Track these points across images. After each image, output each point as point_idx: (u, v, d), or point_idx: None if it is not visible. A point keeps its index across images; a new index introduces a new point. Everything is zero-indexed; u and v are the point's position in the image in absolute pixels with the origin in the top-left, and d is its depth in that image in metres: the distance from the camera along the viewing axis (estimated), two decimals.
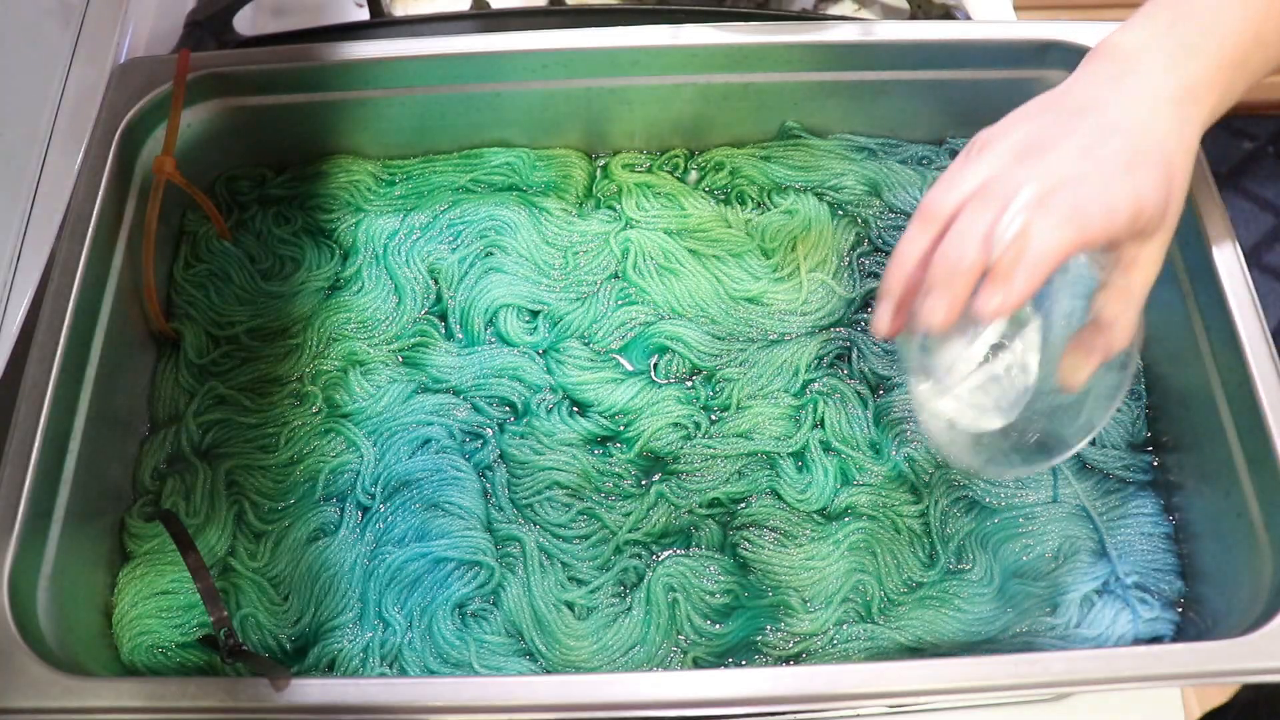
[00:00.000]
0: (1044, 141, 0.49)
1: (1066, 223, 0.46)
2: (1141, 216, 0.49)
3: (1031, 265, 0.46)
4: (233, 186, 0.81)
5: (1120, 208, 0.48)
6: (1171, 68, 0.52)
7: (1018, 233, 0.46)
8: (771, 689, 0.53)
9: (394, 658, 0.64)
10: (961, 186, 0.49)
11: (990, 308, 0.46)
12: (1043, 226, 0.46)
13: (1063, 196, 0.47)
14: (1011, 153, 0.50)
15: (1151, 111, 0.51)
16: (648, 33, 0.74)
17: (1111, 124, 0.50)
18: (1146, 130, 0.50)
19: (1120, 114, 0.50)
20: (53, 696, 0.54)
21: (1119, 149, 0.49)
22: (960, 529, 0.67)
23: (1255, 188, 1.93)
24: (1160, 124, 0.50)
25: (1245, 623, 0.57)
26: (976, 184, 0.49)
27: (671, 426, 0.70)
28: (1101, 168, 0.48)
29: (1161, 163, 0.50)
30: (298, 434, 0.71)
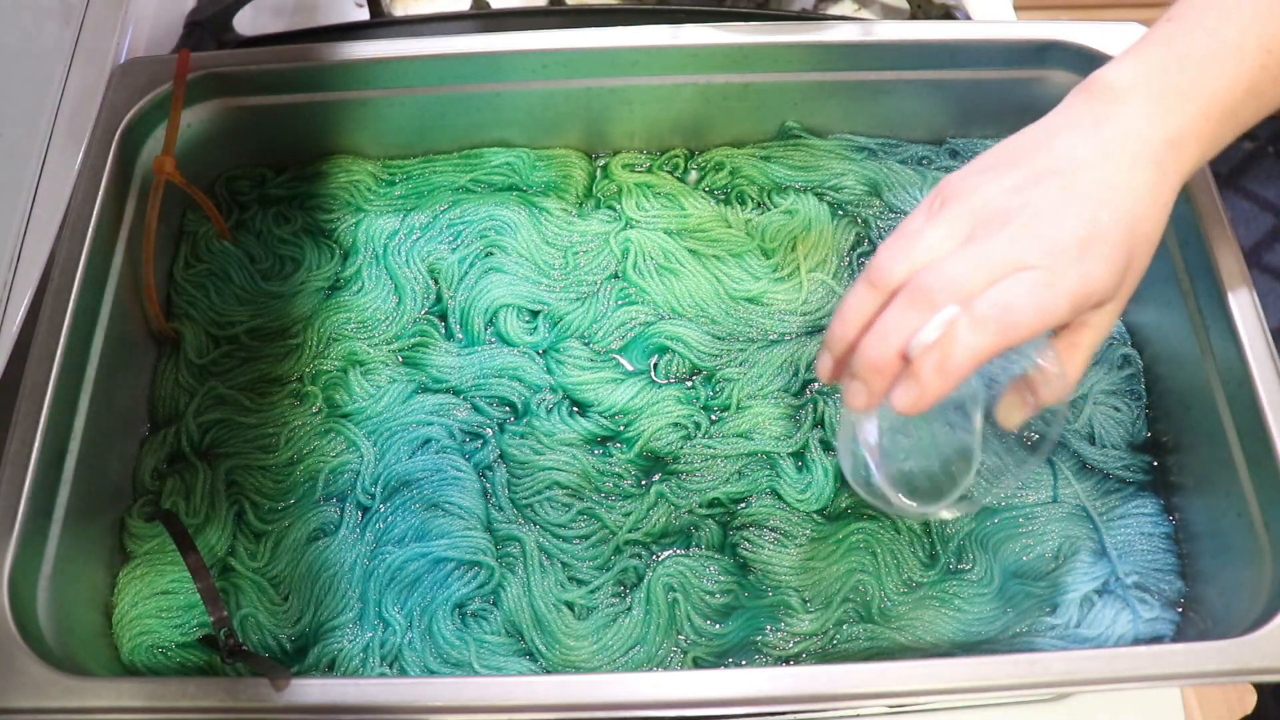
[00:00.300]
0: (1001, 213, 0.47)
1: (992, 330, 0.45)
2: (1088, 300, 0.47)
3: (948, 371, 0.45)
4: (233, 186, 0.81)
5: (1059, 305, 0.46)
6: (1157, 116, 0.49)
7: (937, 340, 0.45)
8: (771, 689, 0.53)
9: (394, 658, 0.64)
10: (911, 256, 0.48)
11: (901, 405, 0.46)
12: (965, 335, 0.45)
13: (996, 297, 0.45)
14: (968, 222, 0.48)
15: (1129, 168, 0.48)
16: (648, 33, 0.74)
17: (1080, 191, 0.48)
18: (1116, 193, 0.48)
19: (1093, 176, 0.48)
20: (53, 696, 0.54)
21: (1077, 228, 0.46)
22: (960, 529, 0.67)
23: (1255, 188, 1.93)
24: (1136, 180, 0.48)
25: (1245, 623, 0.57)
26: (924, 258, 0.47)
27: (671, 426, 0.70)
28: (1051, 257, 0.46)
29: (1122, 238, 0.47)
30: (298, 434, 0.71)
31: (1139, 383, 0.72)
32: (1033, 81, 0.78)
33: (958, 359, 0.45)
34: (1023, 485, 0.68)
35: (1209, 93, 0.50)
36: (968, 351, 0.45)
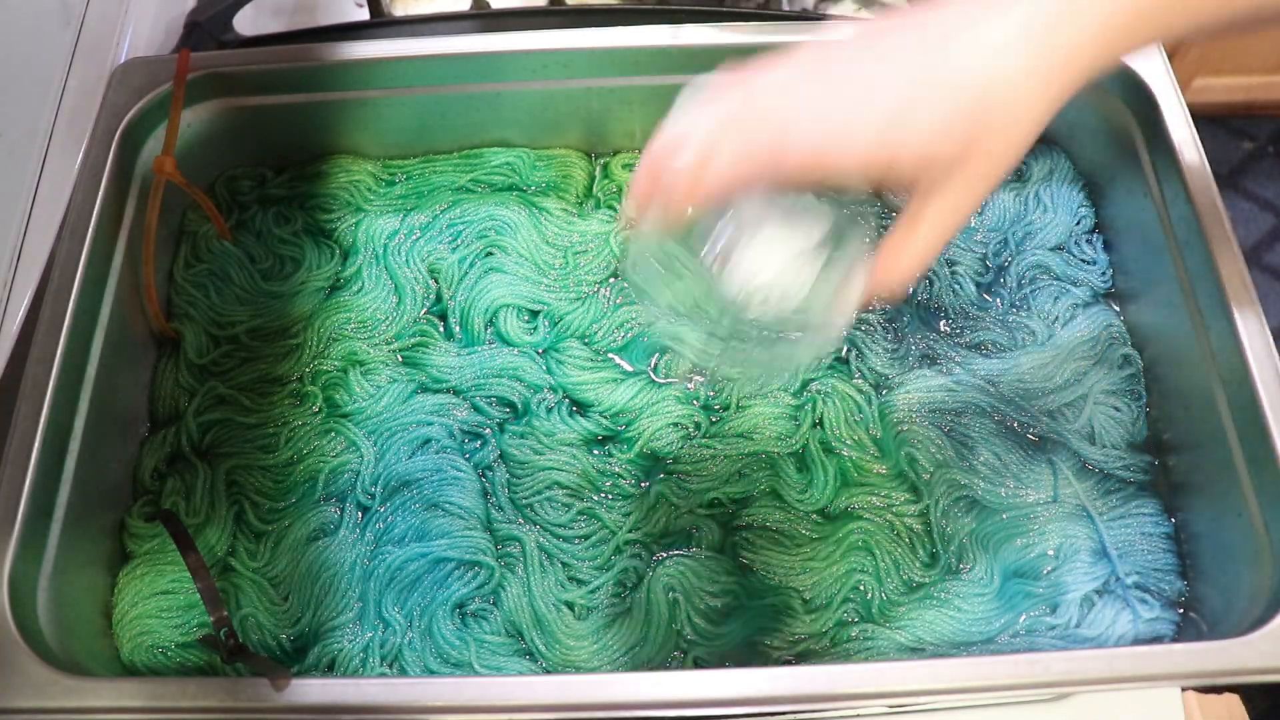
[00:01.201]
0: (843, 58, 0.43)
1: (737, 158, 0.42)
2: (895, 156, 0.42)
3: (687, 193, 0.43)
4: (233, 186, 0.81)
5: (846, 148, 0.41)
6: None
7: (690, 163, 0.43)
8: (771, 689, 0.53)
9: (394, 658, 0.64)
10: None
11: (648, 221, 0.45)
12: (718, 158, 0.42)
13: (770, 123, 0.42)
14: (789, 70, 0.44)
15: (1002, 31, 0.41)
16: (648, 33, 0.74)
17: (930, 38, 0.42)
18: (977, 51, 0.41)
19: (951, 26, 0.42)
20: (53, 696, 0.54)
21: (908, 71, 0.41)
22: (960, 529, 0.67)
23: (1255, 188, 1.93)
24: (1009, 46, 0.41)
25: (1245, 623, 0.57)
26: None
27: (671, 426, 0.70)
28: (841, 100, 0.42)
29: (968, 100, 0.41)
30: (298, 434, 0.71)
31: (1139, 383, 0.72)
32: None
33: (708, 182, 0.43)
34: (1023, 484, 0.68)
35: None
36: (712, 178, 0.43)
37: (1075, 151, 0.81)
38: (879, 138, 0.41)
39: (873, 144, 0.41)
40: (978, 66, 0.41)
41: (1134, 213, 0.75)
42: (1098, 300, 0.76)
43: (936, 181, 0.44)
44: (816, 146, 0.42)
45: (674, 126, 0.45)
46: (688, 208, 0.44)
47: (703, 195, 0.44)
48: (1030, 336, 0.74)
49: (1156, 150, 0.72)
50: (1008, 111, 0.42)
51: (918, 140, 0.42)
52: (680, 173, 0.43)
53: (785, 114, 0.42)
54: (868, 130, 0.41)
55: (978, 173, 0.43)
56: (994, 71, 0.41)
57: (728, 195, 0.45)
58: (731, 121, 0.43)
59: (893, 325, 0.75)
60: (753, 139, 0.42)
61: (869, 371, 0.73)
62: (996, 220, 0.79)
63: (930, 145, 0.42)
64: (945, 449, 0.69)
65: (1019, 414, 0.71)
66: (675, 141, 0.44)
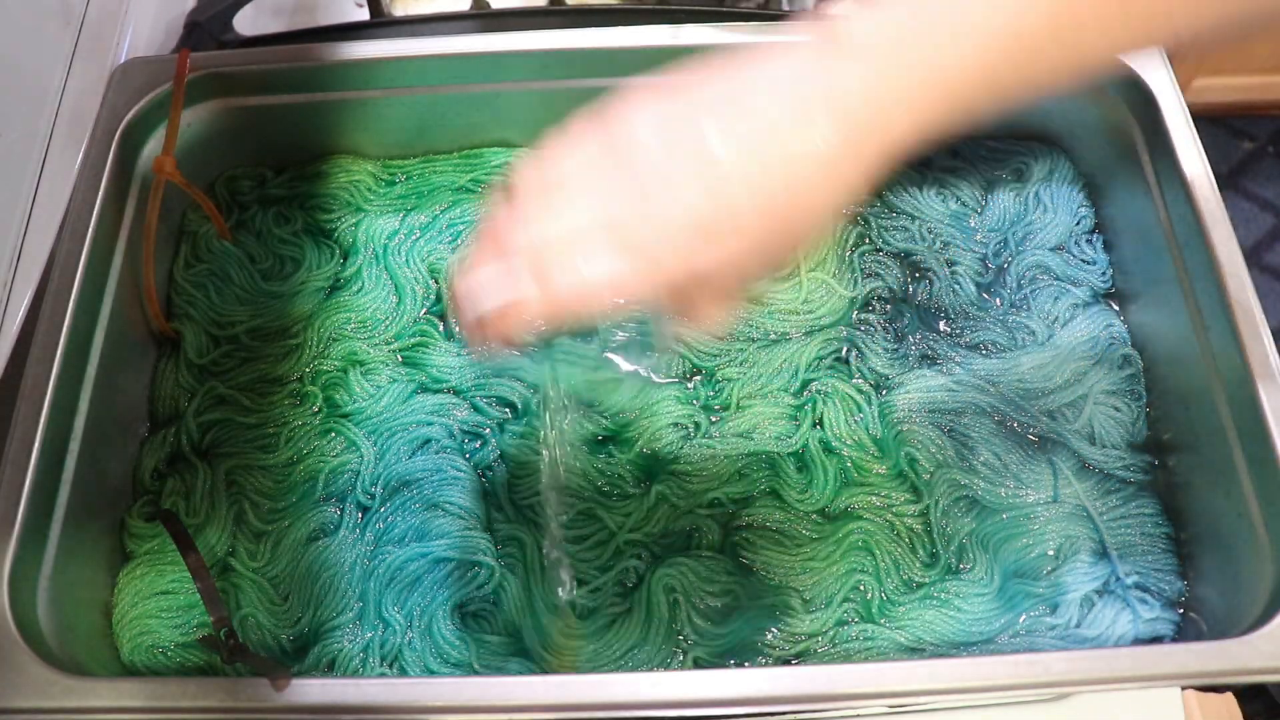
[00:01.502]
0: (642, 173, 0.41)
1: (549, 305, 0.43)
2: (702, 278, 0.42)
3: (503, 333, 0.44)
4: (233, 186, 0.81)
5: (645, 287, 0.42)
6: (871, 76, 0.41)
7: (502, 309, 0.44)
8: (771, 689, 0.53)
9: (394, 658, 0.64)
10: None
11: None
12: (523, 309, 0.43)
13: (563, 274, 0.42)
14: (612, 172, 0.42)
15: (807, 122, 0.41)
16: (648, 33, 0.74)
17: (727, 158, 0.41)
18: (780, 158, 0.40)
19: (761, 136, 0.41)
20: (53, 696, 0.54)
21: (700, 206, 0.40)
22: (960, 529, 0.67)
23: (1255, 188, 1.94)
24: (811, 137, 0.40)
25: (1245, 623, 0.57)
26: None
27: (671, 426, 0.70)
28: (653, 238, 0.41)
29: (768, 215, 0.41)
30: (298, 434, 0.71)
31: (1139, 383, 0.72)
32: None
33: (507, 327, 0.44)
34: (1023, 485, 0.68)
35: (937, 66, 0.41)
36: (519, 319, 0.43)
37: (1075, 151, 0.81)
38: (685, 264, 0.41)
39: (679, 270, 0.41)
40: (783, 176, 0.41)
41: (1134, 213, 0.75)
42: (1098, 300, 0.76)
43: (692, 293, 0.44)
44: (619, 285, 0.42)
45: (471, 275, 0.44)
46: (519, 337, 0.45)
47: (521, 334, 0.45)
48: (1030, 336, 0.74)
49: (1156, 150, 0.72)
50: (809, 208, 0.41)
51: (725, 255, 0.41)
52: (494, 321, 0.44)
53: (581, 256, 0.41)
54: (675, 258, 0.41)
55: (788, 252, 0.44)
56: (801, 175, 0.41)
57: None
58: (528, 269, 0.42)
59: (893, 325, 0.75)
60: (552, 289, 0.42)
61: (869, 371, 0.73)
62: (996, 220, 0.79)
63: (736, 255, 0.42)
64: (945, 449, 0.69)
65: (1019, 414, 0.71)
66: (473, 294, 0.44)
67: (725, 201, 0.40)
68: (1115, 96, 0.75)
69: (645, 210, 0.41)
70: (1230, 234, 0.66)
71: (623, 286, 0.42)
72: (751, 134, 0.41)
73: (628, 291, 0.42)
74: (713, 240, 0.41)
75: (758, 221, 0.41)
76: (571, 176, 0.43)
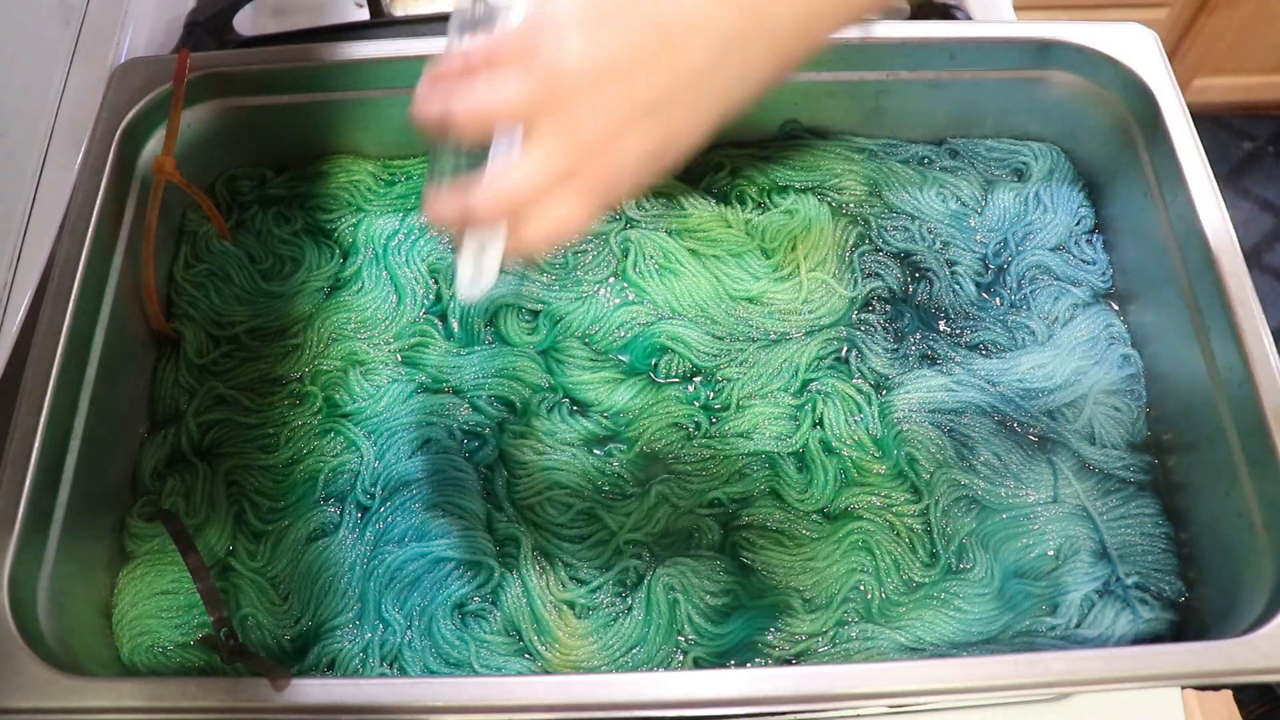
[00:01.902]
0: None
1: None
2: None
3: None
4: (233, 186, 0.81)
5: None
6: None
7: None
8: (771, 689, 0.53)
9: (394, 658, 0.64)
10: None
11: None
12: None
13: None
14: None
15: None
16: None
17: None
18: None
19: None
20: (53, 696, 0.54)
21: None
22: (960, 529, 0.67)
23: (1255, 188, 1.94)
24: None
25: (1245, 623, 0.57)
26: None
27: (671, 426, 0.70)
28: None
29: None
30: (298, 434, 0.71)
31: (1139, 383, 0.72)
32: (1033, 81, 0.78)
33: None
34: (1023, 485, 0.68)
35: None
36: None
37: (1075, 151, 0.81)
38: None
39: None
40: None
41: (1134, 213, 0.75)
42: (1098, 300, 0.76)
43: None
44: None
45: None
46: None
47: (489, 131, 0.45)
48: (1030, 336, 0.74)
49: (1156, 150, 0.72)
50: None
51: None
52: (469, 119, 0.44)
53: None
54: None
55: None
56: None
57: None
58: (544, 93, 0.43)
59: (893, 325, 0.75)
60: (572, 123, 0.43)
61: (869, 371, 0.73)
62: (996, 220, 0.79)
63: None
64: (945, 449, 0.69)
65: (1019, 414, 0.71)
66: (461, 83, 0.44)
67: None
68: (1115, 96, 0.75)
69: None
70: (1230, 234, 0.66)
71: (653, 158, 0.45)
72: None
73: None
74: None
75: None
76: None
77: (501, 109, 0.44)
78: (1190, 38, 1.76)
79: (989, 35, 0.76)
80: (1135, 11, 1.66)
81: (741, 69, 0.45)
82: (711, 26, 0.44)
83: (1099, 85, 0.76)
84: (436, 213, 0.46)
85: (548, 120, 0.43)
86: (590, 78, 0.43)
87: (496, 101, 0.43)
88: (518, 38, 0.44)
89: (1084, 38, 0.74)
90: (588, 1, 0.44)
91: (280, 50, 0.77)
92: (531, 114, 0.43)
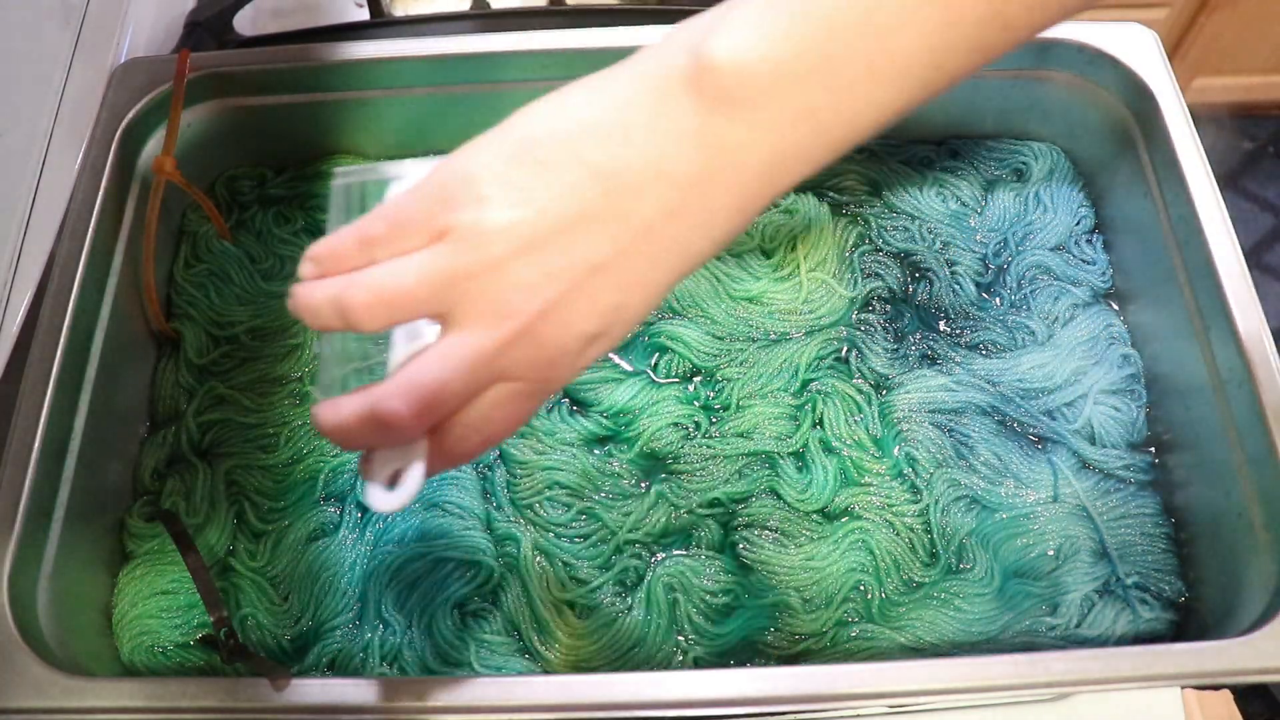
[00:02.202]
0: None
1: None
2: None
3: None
4: (233, 186, 0.81)
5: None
6: (769, 140, 0.36)
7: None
8: (771, 689, 0.53)
9: (394, 657, 0.64)
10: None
11: None
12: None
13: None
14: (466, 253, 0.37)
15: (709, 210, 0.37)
16: (648, 33, 0.74)
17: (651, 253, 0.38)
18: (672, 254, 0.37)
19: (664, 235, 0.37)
20: (53, 696, 0.54)
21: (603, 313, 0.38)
22: (960, 529, 0.67)
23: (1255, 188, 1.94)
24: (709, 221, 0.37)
25: (1245, 623, 0.57)
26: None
27: (671, 426, 0.70)
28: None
29: (635, 316, 0.38)
30: (298, 434, 0.71)
31: (1139, 383, 0.72)
32: (1033, 81, 0.78)
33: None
34: (1023, 484, 0.68)
35: (851, 121, 0.36)
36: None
37: (1075, 151, 0.81)
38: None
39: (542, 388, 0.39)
40: (662, 277, 0.38)
41: (1134, 213, 0.75)
42: (1098, 300, 0.76)
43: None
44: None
45: (421, 376, 0.37)
46: None
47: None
48: (1030, 336, 0.74)
49: (1156, 150, 0.72)
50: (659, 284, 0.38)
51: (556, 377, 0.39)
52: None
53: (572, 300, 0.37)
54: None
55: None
56: (682, 265, 0.38)
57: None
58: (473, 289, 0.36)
59: (893, 325, 0.75)
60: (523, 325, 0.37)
61: (869, 371, 0.73)
62: (996, 220, 0.79)
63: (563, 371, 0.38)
64: (945, 448, 0.69)
65: (1019, 414, 0.71)
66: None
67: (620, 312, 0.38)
68: (1115, 96, 0.75)
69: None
70: (1230, 234, 0.66)
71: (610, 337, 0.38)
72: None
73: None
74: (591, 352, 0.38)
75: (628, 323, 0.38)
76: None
77: (413, 293, 0.36)
78: (1190, 38, 1.76)
79: None
80: (1135, 11, 1.66)
81: (703, 218, 0.37)
82: (665, 172, 0.36)
83: (1099, 85, 0.76)
84: (335, 427, 0.38)
85: (470, 301, 0.36)
86: (520, 244, 0.35)
87: (405, 284, 0.36)
88: (423, 200, 0.37)
89: (1084, 37, 0.74)
90: (509, 145, 0.37)
91: (280, 50, 0.77)
92: (451, 295, 0.36)
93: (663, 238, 0.37)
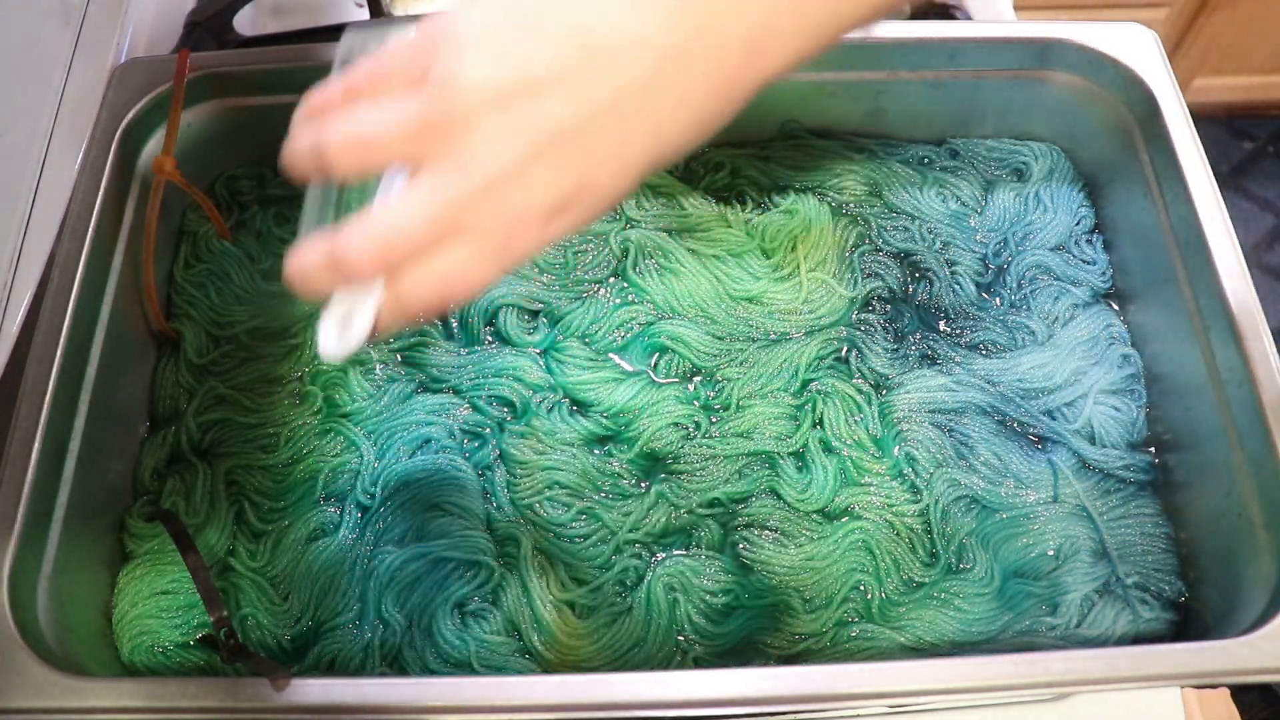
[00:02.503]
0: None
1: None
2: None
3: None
4: (233, 186, 0.81)
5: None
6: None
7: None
8: (771, 689, 0.53)
9: (394, 658, 0.64)
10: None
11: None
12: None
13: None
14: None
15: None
16: None
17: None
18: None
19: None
20: (53, 696, 0.54)
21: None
22: (960, 529, 0.67)
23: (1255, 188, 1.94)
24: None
25: (1245, 623, 0.57)
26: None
27: (671, 426, 0.70)
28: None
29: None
30: (298, 434, 0.71)
31: (1139, 383, 0.72)
32: (1033, 81, 0.78)
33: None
34: (1023, 484, 0.68)
35: (834, 4, 0.40)
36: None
37: (1075, 151, 0.81)
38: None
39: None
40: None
41: (1134, 213, 0.75)
42: (1098, 300, 0.76)
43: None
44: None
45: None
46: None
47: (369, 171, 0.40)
48: (1030, 336, 0.74)
49: (1156, 150, 0.72)
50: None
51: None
52: (346, 153, 0.39)
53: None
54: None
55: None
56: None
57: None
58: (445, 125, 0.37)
59: (893, 325, 0.75)
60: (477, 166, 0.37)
61: (869, 371, 0.73)
62: (996, 220, 0.79)
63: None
64: (945, 448, 0.69)
65: (1019, 414, 0.71)
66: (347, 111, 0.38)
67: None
68: (1115, 96, 0.75)
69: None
70: (1230, 234, 0.66)
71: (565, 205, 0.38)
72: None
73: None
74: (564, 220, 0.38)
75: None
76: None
77: (384, 137, 0.37)
78: (1190, 38, 1.76)
79: (989, 35, 0.76)
80: (1135, 11, 1.66)
81: (676, 95, 0.38)
82: (644, 38, 0.37)
83: (1099, 85, 0.76)
84: (298, 264, 0.38)
85: (439, 149, 0.37)
86: (492, 96, 0.36)
87: (378, 129, 0.37)
88: (408, 52, 0.38)
89: (1084, 38, 0.74)
90: (497, 7, 0.37)
91: (280, 50, 0.77)
92: (421, 142, 0.37)
93: (636, 110, 0.37)
